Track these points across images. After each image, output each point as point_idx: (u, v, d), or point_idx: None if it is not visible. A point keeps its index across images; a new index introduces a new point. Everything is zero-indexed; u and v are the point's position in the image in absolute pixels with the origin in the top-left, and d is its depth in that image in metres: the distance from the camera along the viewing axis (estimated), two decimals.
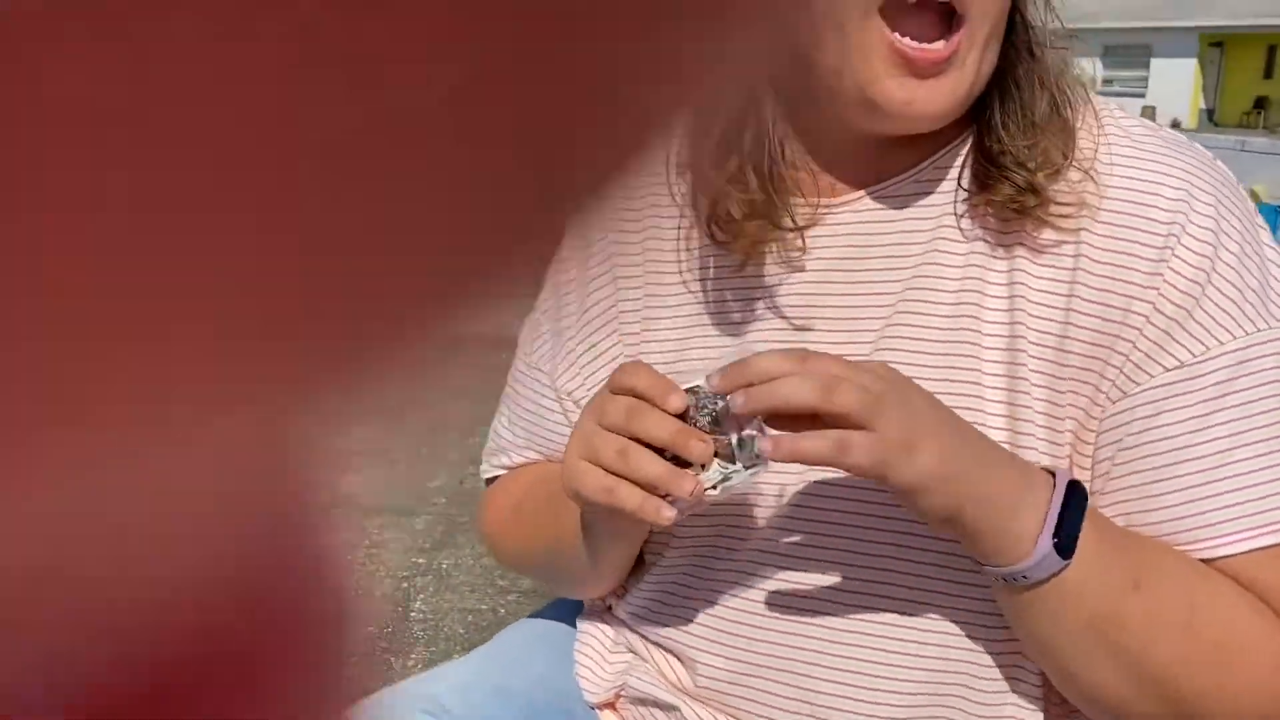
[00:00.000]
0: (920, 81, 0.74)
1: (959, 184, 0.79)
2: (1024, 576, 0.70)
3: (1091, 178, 0.75)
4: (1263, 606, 0.73)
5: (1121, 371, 0.74)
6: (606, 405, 0.73)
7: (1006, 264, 0.77)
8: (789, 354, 0.70)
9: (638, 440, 0.70)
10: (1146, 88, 26.98)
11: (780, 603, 0.82)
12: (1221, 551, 0.72)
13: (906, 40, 0.72)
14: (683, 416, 0.70)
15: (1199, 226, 0.73)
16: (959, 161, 0.80)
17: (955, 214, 0.79)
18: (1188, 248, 0.73)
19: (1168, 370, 0.73)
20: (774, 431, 0.69)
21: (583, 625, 0.97)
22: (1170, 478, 0.73)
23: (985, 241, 0.78)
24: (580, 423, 0.75)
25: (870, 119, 0.76)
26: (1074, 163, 0.76)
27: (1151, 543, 0.74)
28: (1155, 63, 27.06)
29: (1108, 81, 26.09)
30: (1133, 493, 0.74)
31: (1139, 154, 0.76)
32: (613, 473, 0.70)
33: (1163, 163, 0.75)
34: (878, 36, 0.73)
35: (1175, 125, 21.49)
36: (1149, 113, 22.58)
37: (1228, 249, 0.73)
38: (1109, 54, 27.39)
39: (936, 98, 0.74)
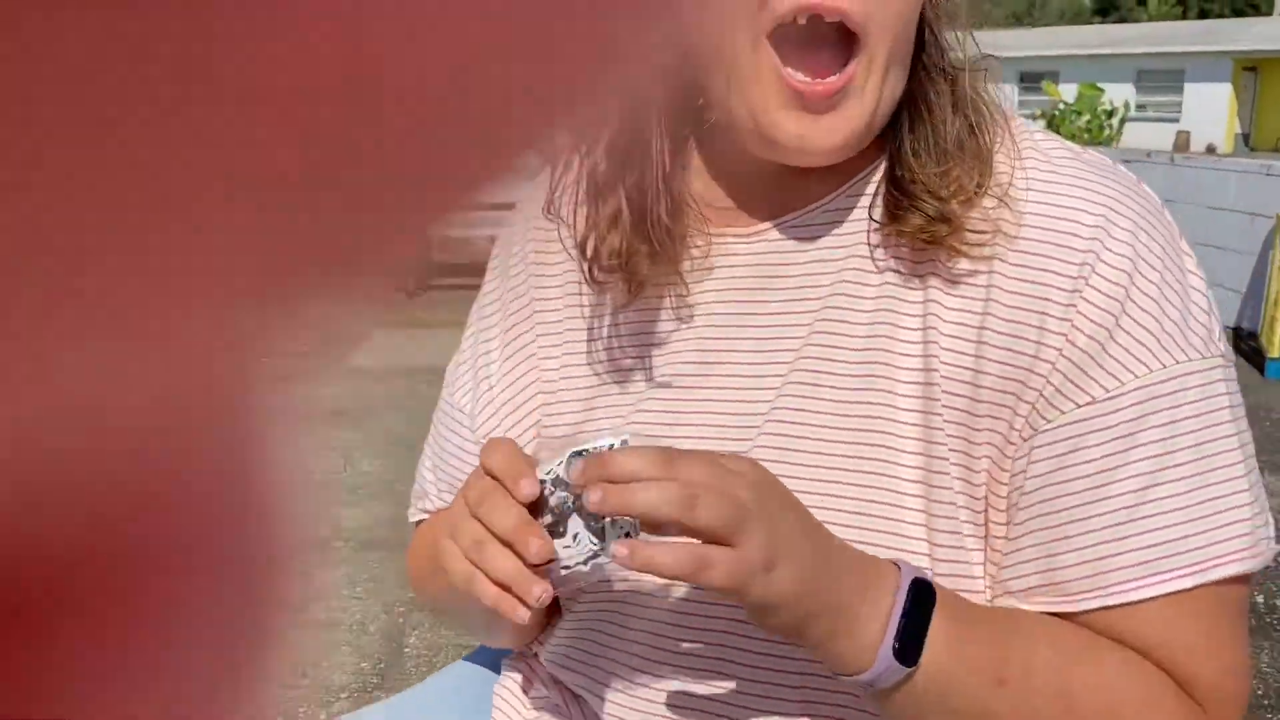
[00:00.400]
0: (815, 117, 0.71)
1: (870, 214, 0.76)
2: (871, 684, 0.67)
3: (1007, 204, 0.72)
4: (1157, 679, 0.70)
5: (1034, 407, 0.71)
6: (471, 485, 0.71)
7: (920, 294, 0.74)
8: (655, 456, 0.63)
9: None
10: (1180, 113, 26.77)
11: (692, 653, 0.78)
12: (1133, 597, 0.69)
13: (797, 74, 0.70)
14: (538, 500, 0.67)
15: (1115, 254, 0.70)
16: (871, 189, 0.77)
17: (868, 244, 0.77)
18: (1103, 276, 0.69)
19: (1080, 406, 0.70)
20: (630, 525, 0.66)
21: (504, 671, 0.95)
22: (1083, 518, 0.70)
23: (898, 272, 0.75)
24: (455, 500, 0.73)
25: (767, 151, 0.74)
26: (989, 189, 0.73)
27: (1024, 629, 0.71)
28: (1189, 88, 26.83)
29: (1141, 107, 25.90)
30: (1044, 535, 0.71)
31: (1057, 179, 0.73)
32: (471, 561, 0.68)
33: (1081, 188, 0.72)
34: (768, 67, 0.70)
35: (1210, 150, 21.30)
36: (1183, 138, 22.40)
37: (1146, 277, 0.70)
38: (1142, 80, 27.22)
39: (832, 132, 0.71)
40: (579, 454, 0.67)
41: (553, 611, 0.88)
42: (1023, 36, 29.20)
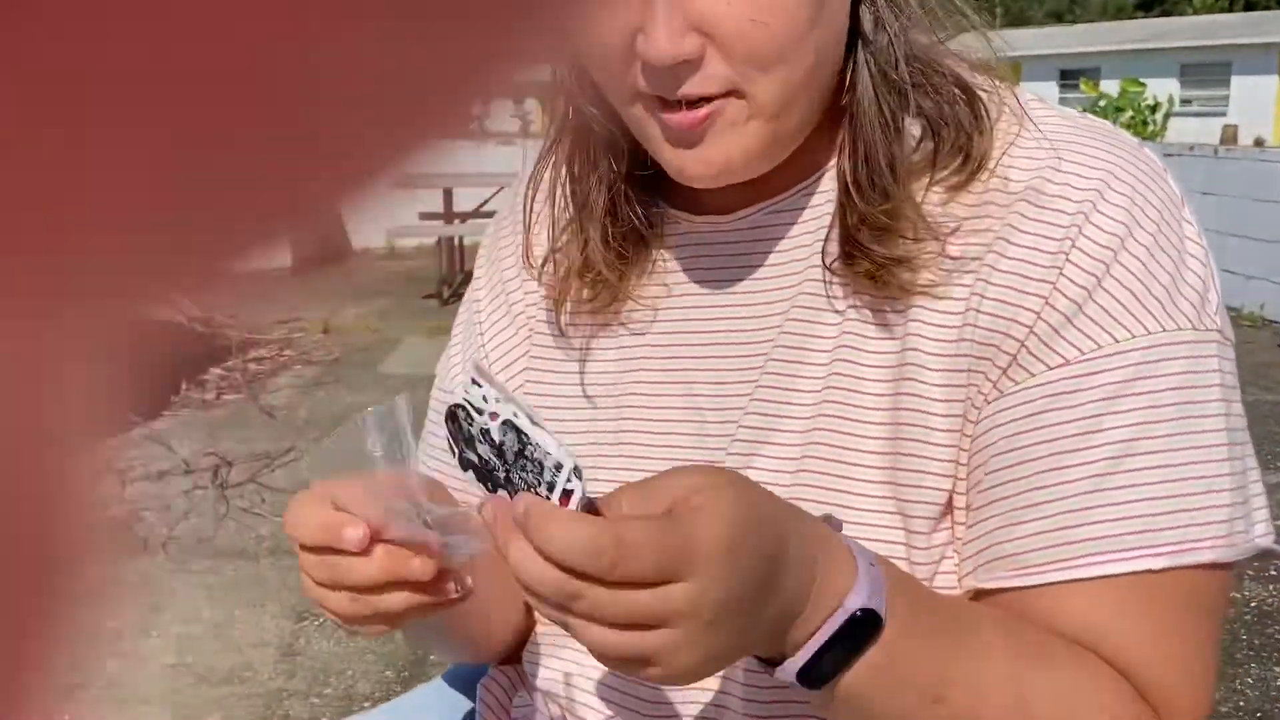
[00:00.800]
0: (687, 149, 0.68)
1: (823, 251, 0.73)
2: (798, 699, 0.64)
3: (999, 184, 0.69)
4: (1113, 684, 0.64)
5: (1004, 372, 0.67)
6: (309, 568, 0.66)
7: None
8: (595, 552, 0.51)
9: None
10: (1227, 106, 26.39)
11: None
12: (1096, 572, 0.64)
13: (664, 112, 0.67)
14: (456, 420, 0.60)
15: (1106, 218, 0.66)
16: (828, 184, 0.75)
17: (822, 264, 0.73)
18: (1090, 239, 0.66)
19: (1050, 369, 0.65)
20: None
21: (485, 684, 0.92)
22: (1049, 485, 0.65)
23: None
24: (307, 584, 0.68)
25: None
26: (969, 184, 0.69)
27: (975, 642, 0.64)
28: (1235, 80, 26.45)
29: (1186, 101, 25.56)
30: (1006, 505, 0.67)
31: (1053, 144, 0.69)
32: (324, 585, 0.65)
33: (1076, 153, 0.68)
34: (646, 98, 0.67)
35: (1259, 143, 20.98)
36: (1230, 131, 22.09)
37: (1137, 240, 0.66)
38: (1186, 74, 26.87)
39: (708, 164, 0.68)
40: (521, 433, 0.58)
41: (529, 621, 0.86)
42: (1063, 34, 28.92)
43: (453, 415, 0.60)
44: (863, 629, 0.59)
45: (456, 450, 0.60)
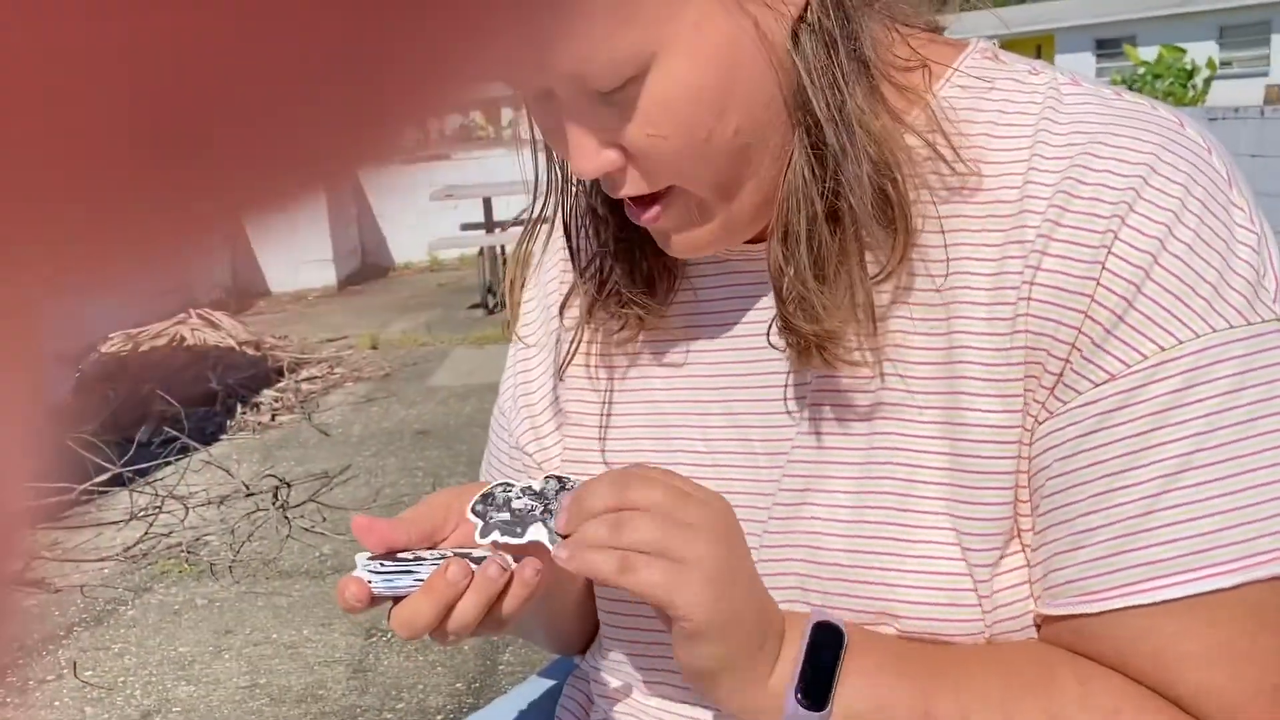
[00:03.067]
0: (661, 236, 0.71)
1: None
2: None
3: (1031, 179, 0.65)
4: (1126, 708, 0.63)
5: (1052, 392, 0.64)
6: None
7: (945, 311, 0.68)
8: (611, 485, 0.66)
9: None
10: (1270, 65, 25.86)
11: None
12: (1158, 596, 0.62)
13: (630, 208, 0.70)
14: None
15: (1144, 216, 0.62)
16: None
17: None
18: (1127, 241, 0.62)
19: (1096, 385, 0.63)
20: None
21: (562, 700, 0.92)
22: (1103, 508, 0.63)
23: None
24: None
25: None
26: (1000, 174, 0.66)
27: (955, 666, 0.66)
28: (1276, 39, 25.92)
29: (1225, 63, 25.07)
30: (1062, 529, 0.65)
31: (1088, 135, 0.65)
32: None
33: (1115, 143, 0.64)
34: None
35: None
36: (1274, 91, 21.62)
37: (1178, 238, 0.62)
38: (1225, 35, 26.36)
39: (681, 248, 0.71)
40: (557, 479, 0.71)
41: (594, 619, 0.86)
42: (1097, 2, 28.49)
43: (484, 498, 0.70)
44: (829, 634, 0.66)
45: (484, 520, 0.69)
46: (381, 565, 0.67)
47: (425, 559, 0.68)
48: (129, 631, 3.22)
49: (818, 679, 0.64)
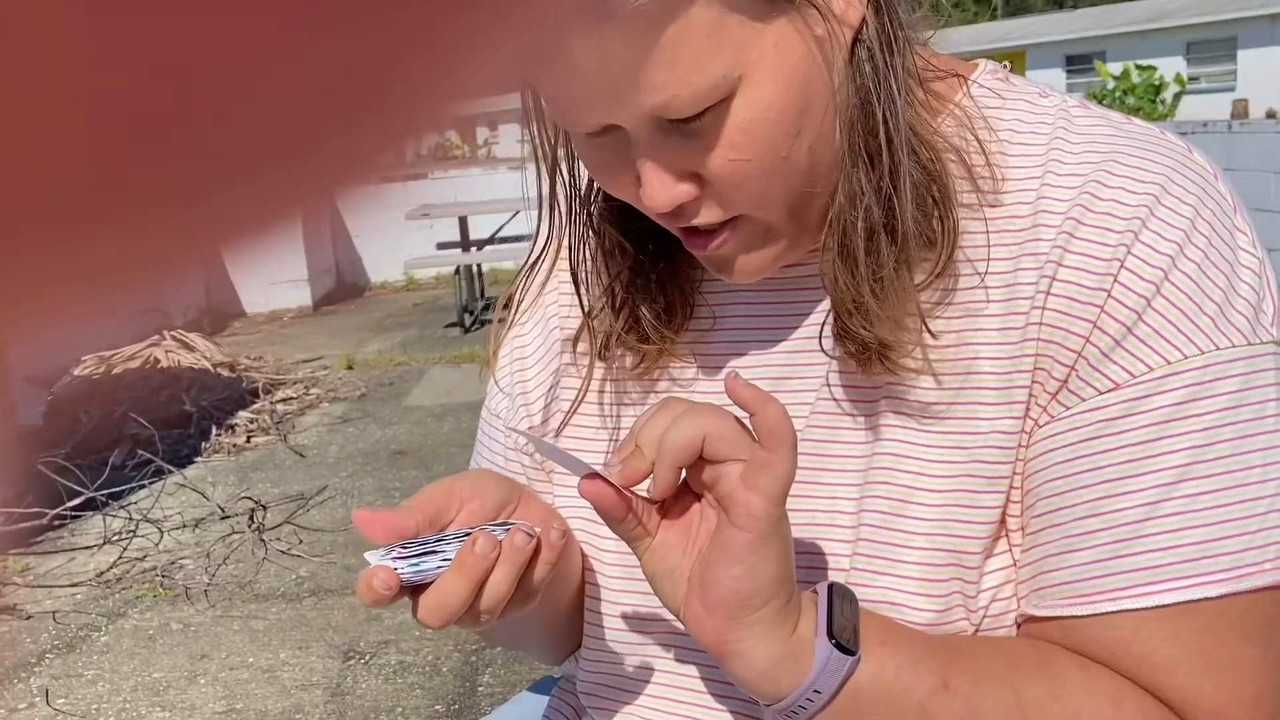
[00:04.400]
0: (718, 268, 0.72)
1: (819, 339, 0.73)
2: (816, 692, 0.63)
3: (1046, 197, 0.67)
4: (1127, 695, 0.64)
5: (1054, 398, 0.66)
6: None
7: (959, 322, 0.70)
8: (659, 410, 0.65)
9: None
10: (1236, 80, 26.19)
11: (732, 693, 0.75)
12: (1149, 602, 0.63)
13: (690, 240, 0.69)
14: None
15: (1157, 235, 0.64)
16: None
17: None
18: (1139, 258, 0.64)
19: (1100, 394, 0.64)
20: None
21: (546, 714, 0.91)
22: (1101, 513, 0.64)
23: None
24: None
25: None
26: (1020, 186, 0.68)
27: (963, 644, 0.67)
28: (1242, 55, 26.25)
29: (1194, 79, 25.37)
30: (1056, 533, 0.66)
31: (1101, 155, 0.67)
32: None
33: (1128, 164, 0.66)
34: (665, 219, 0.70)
35: (1271, 115, 20.78)
36: (1241, 106, 21.89)
37: (1188, 257, 0.64)
38: (1192, 51, 26.68)
39: (742, 275, 0.71)
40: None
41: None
42: (1066, 19, 28.79)
43: None
44: (845, 591, 0.66)
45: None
46: (403, 549, 0.64)
47: (446, 538, 0.65)
48: (102, 658, 3.19)
49: (844, 629, 0.63)
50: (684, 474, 0.64)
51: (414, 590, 0.64)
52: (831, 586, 0.65)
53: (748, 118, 0.62)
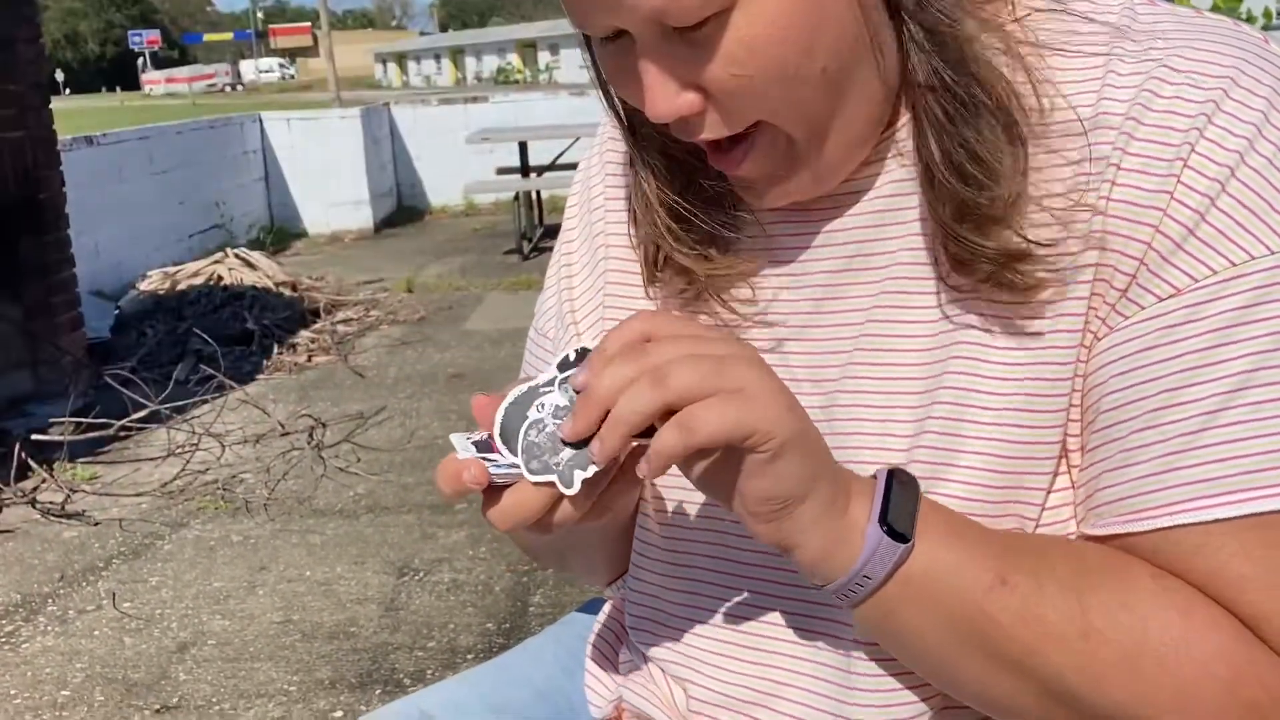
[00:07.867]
0: (748, 189, 0.70)
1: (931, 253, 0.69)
2: (866, 578, 0.62)
3: (1108, 104, 0.63)
4: (1204, 611, 0.61)
5: (1114, 307, 0.63)
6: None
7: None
8: (625, 360, 0.60)
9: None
10: None
11: (780, 623, 0.74)
12: (1207, 516, 0.60)
13: (715, 162, 0.68)
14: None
15: (1224, 129, 0.60)
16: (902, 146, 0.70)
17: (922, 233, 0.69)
18: (1204, 154, 0.60)
19: (1161, 300, 0.61)
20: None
21: (596, 634, 0.92)
22: (1159, 424, 0.61)
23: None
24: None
25: None
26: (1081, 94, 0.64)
27: (1033, 543, 0.64)
28: None
29: None
30: (1113, 447, 0.63)
31: (1164, 50, 0.63)
32: None
33: (1194, 57, 0.62)
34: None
35: None
36: None
37: (1259, 151, 0.60)
38: None
39: (773, 198, 0.70)
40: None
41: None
42: None
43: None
44: (906, 476, 0.64)
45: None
46: (489, 450, 0.63)
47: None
48: (165, 565, 3.28)
49: (899, 516, 0.62)
50: None
51: (488, 488, 0.62)
52: (892, 473, 0.63)
53: (749, 32, 0.60)
